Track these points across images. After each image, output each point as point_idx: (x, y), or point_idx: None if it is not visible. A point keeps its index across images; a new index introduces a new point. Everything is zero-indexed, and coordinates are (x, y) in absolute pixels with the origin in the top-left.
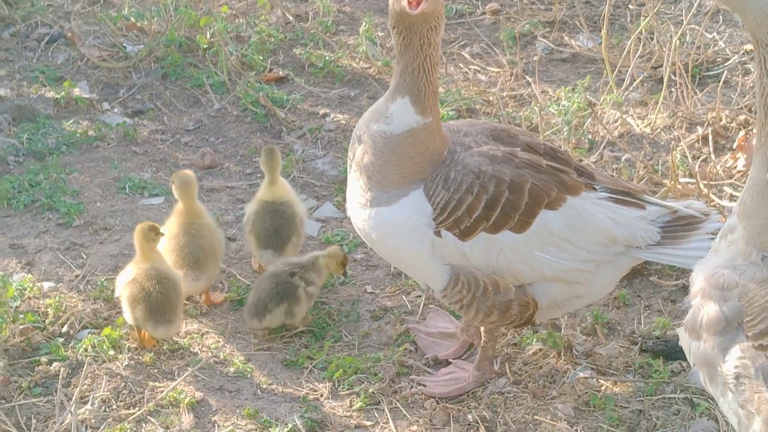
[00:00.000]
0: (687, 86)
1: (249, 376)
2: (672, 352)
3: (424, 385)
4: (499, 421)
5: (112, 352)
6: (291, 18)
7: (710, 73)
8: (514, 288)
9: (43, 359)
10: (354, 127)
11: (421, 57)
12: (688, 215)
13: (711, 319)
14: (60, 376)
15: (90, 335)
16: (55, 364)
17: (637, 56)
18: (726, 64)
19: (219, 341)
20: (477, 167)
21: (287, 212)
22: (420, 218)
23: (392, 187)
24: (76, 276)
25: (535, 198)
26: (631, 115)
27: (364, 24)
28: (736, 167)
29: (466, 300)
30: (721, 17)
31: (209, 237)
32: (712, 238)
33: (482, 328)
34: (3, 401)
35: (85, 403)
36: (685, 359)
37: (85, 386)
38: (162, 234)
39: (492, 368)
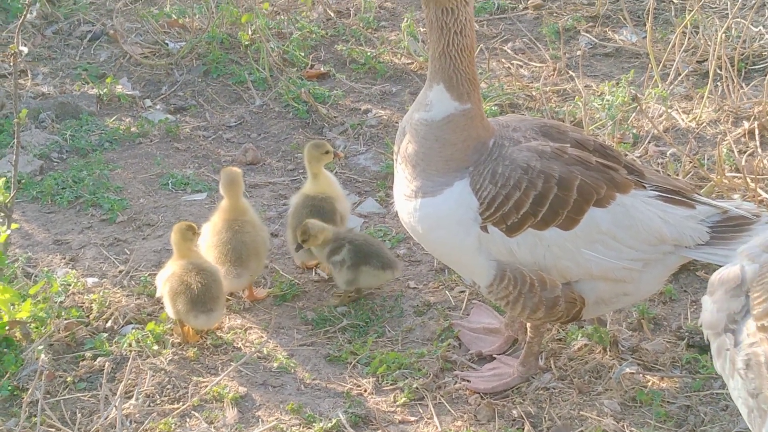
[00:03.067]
0: (733, 80)
1: (292, 371)
2: None
3: (468, 381)
4: (545, 417)
5: (156, 347)
6: (332, 14)
7: (756, 66)
8: (561, 285)
9: (88, 354)
10: (396, 122)
11: (443, 42)
12: (739, 216)
13: (729, 274)
14: (104, 371)
15: (134, 330)
16: (99, 359)
17: (682, 50)
18: None
19: (262, 336)
20: (526, 162)
21: (327, 208)
22: (466, 212)
23: (436, 175)
24: (120, 271)
25: (584, 195)
26: (676, 110)
27: (405, 20)
28: None
29: (512, 296)
30: (767, 10)
31: (252, 234)
32: None
33: (528, 324)
34: (48, 396)
35: (130, 397)
36: None
37: (129, 381)
38: (199, 233)
39: (537, 364)
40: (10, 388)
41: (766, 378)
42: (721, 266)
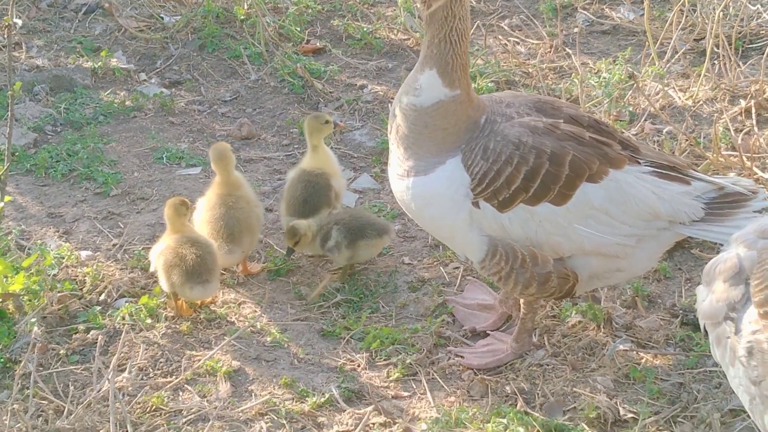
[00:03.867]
0: (730, 58)
1: (286, 345)
2: None
3: (461, 357)
4: (538, 393)
5: (149, 321)
6: None
7: (754, 45)
8: (553, 260)
9: (81, 327)
10: (392, 98)
11: (446, 28)
12: (735, 192)
13: (726, 264)
14: (97, 344)
15: (127, 304)
16: (92, 332)
17: (679, 28)
18: None
19: (256, 311)
20: (517, 138)
21: (321, 183)
22: (458, 188)
23: (429, 156)
24: (114, 245)
25: (576, 170)
26: (673, 88)
27: None
28: None
29: (504, 272)
30: None
31: (246, 210)
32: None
33: (521, 300)
34: (41, 368)
35: (123, 371)
36: None
37: (122, 354)
38: (192, 208)
39: (530, 340)
40: (2, 360)
41: None
42: (716, 243)
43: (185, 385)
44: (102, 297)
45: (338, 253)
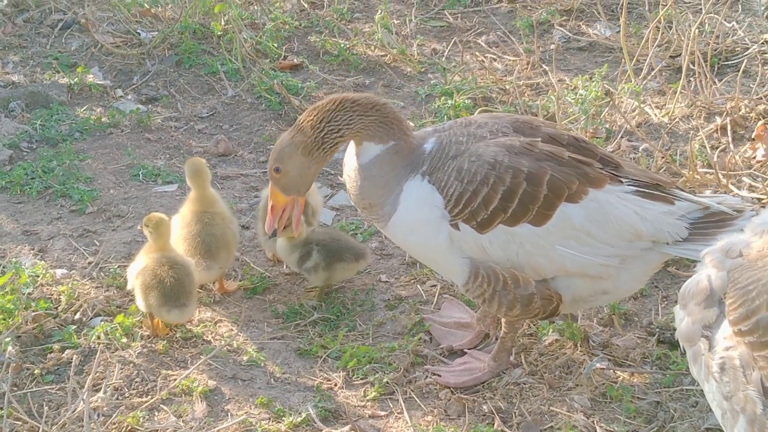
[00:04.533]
0: (706, 75)
1: (262, 364)
2: None
3: (438, 375)
4: (515, 412)
5: (124, 340)
6: (306, 5)
7: (729, 62)
8: (536, 282)
9: (56, 346)
10: None
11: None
12: (720, 212)
13: (698, 286)
14: (72, 364)
15: (103, 323)
16: (67, 351)
17: (655, 45)
18: (745, 53)
19: (232, 329)
20: (493, 158)
21: None
22: (431, 210)
23: (383, 201)
24: (89, 263)
25: (555, 190)
26: (649, 105)
27: (379, 11)
28: (755, 157)
29: (487, 294)
30: (740, 6)
31: (222, 226)
32: None
33: (503, 320)
34: (15, 388)
35: (98, 390)
36: None
37: (97, 374)
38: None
39: (509, 359)
40: None
41: (741, 381)
42: (696, 261)
43: (161, 405)
44: (77, 316)
45: (315, 275)
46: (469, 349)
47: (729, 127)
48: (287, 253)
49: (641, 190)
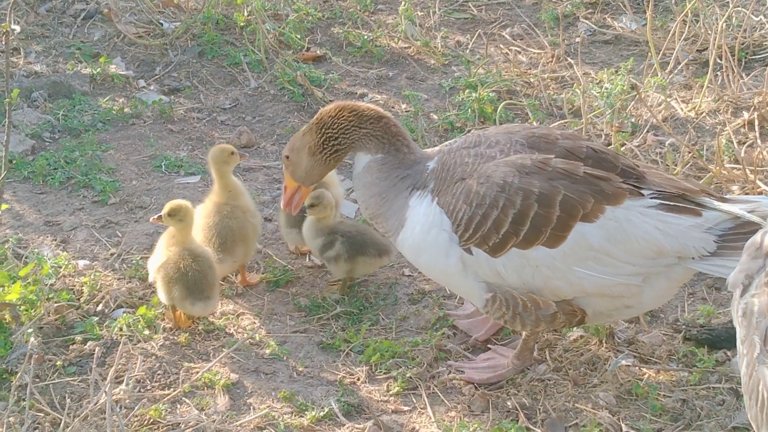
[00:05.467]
0: (733, 70)
1: (285, 358)
2: (717, 340)
3: (461, 372)
4: (539, 409)
5: (147, 332)
6: None
7: (757, 56)
8: (556, 303)
9: (78, 338)
10: (393, 107)
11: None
12: (752, 222)
13: (753, 240)
14: (95, 356)
15: (125, 314)
16: (89, 343)
17: (682, 39)
18: None
19: (255, 322)
20: (502, 179)
21: None
22: (439, 233)
23: (385, 211)
24: (111, 254)
25: (569, 210)
26: (676, 99)
27: (403, 3)
28: None
29: (507, 316)
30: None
31: (241, 219)
32: None
33: None
34: (37, 380)
35: (120, 383)
36: (730, 348)
37: (119, 366)
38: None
39: (532, 356)
40: None
41: (754, 327)
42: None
43: (183, 398)
44: (99, 307)
45: (335, 265)
46: (493, 343)
47: (756, 122)
48: (311, 237)
49: (665, 203)
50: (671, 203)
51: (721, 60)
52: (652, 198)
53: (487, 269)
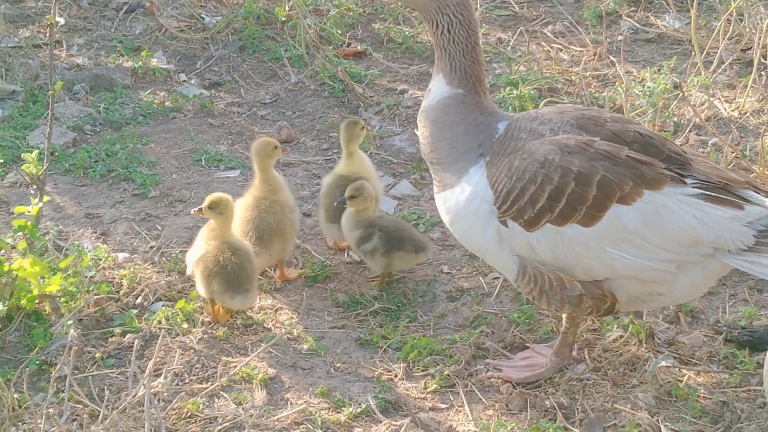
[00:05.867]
0: None
1: (323, 353)
2: (758, 342)
3: (500, 370)
4: (577, 408)
5: (185, 326)
6: None
7: None
8: (586, 282)
9: (117, 330)
10: None
11: (435, 40)
12: None
13: None
14: (133, 348)
15: (164, 308)
16: (128, 335)
17: (726, 38)
18: None
19: (293, 318)
20: (544, 156)
21: None
22: (481, 204)
23: (448, 164)
24: (151, 247)
25: (605, 191)
26: (719, 99)
27: None
28: None
29: (535, 292)
30: None
31: (280, 214)
32: None
33: (563, 315)
34: (76, 371)
35: (158, 375)
36: None
37: (158, 359)
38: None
39: (570, 355)
40: (38, 362)
41: None
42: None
43: (221, 392)
44: (138, 300)
45: (371, 258)
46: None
47: None
48: (349, 229)
49: (706, 193)
50: (713, 194)
51: (765, 59)
52: (694, 187)
53: (522, 242)
